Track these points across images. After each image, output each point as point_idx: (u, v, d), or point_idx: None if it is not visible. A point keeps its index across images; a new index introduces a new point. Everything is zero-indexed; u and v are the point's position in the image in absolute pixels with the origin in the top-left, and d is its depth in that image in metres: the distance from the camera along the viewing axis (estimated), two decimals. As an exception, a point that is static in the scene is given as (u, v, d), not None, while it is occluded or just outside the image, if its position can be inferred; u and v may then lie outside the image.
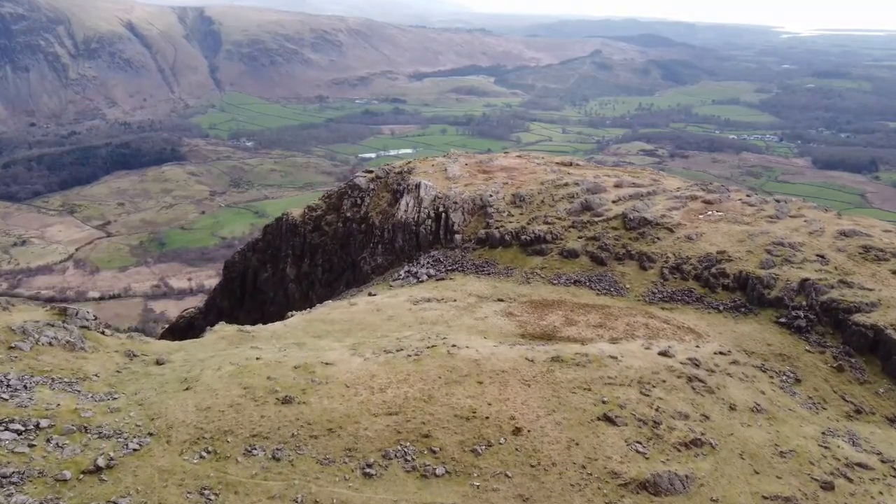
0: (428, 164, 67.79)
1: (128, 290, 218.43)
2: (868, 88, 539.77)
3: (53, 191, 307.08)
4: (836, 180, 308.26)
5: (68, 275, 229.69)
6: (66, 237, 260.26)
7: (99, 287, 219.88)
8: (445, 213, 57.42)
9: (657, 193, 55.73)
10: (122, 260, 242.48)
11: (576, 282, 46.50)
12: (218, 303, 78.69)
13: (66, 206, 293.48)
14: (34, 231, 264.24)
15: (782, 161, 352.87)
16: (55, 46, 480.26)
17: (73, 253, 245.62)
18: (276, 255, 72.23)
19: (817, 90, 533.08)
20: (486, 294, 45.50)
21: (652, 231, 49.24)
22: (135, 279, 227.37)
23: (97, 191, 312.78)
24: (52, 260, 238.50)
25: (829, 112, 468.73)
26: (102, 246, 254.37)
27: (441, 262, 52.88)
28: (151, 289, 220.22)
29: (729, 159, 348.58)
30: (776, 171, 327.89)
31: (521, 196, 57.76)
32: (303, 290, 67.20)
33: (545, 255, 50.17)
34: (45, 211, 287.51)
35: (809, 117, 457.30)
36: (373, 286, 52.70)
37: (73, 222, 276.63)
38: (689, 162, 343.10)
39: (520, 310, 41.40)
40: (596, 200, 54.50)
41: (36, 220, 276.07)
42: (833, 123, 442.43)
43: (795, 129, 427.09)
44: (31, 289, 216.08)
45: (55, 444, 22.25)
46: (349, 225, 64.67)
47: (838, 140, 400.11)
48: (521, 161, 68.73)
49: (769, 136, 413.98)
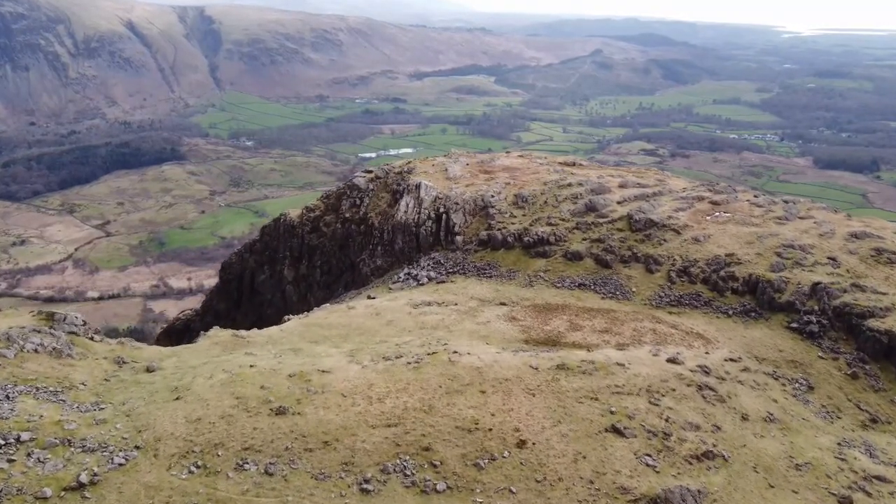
0: (428, 164, 66.22)
1: (127, 289, 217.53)
2: (869, 88, 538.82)
3: (53, 190, 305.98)
4: (838, 180, 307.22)
5: (67, 274, 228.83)
6: (66, 237, 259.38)
7: (98, 287, 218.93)
8: (446, 213, 55.99)
9: (663, 194, 54.38)
10: (122, 259, 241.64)
11: (580, 285, 45.27)
12: (215, 305, 77.25)
13: (65, 205, 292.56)
14: (33, 230, 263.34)
15: (783, 161, 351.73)
16: (55, 45, 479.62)
17: (73, 252, 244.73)
18: (273, 257, 70.57)
19: (818, 90, 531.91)
20: (487, 297, 44.28)
21: (658, 233, 47.91)
22: (134, 279, 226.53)
23: (97, 190, 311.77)
24: (51, 259, 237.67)
25: (831, 112, 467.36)
26: (102, 245, 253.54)
27: (442, 264, 51.62)
28: (151, 289, 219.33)
29: (730, 159, 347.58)
30: (777, 171, 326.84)
31: (524, 197, 56.36)
32: (301, 293, 65.78)
33: (549, 257, 48.97)
34: (44, 210, 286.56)
35: (810, 117, 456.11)
36: (372, 289, 51.46)
37: (73, 222, 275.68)
38: (689, 162, 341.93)
39: (523, 314, 40.25)
40: (600, 201, 53.14)
41: (35, 220, 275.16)
42: (834, 123, 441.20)
43: (796, 128, 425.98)
44: (30, 288, 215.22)
45: (36, 459, 21.14)
46: (348, 226, 63.12)
47: (839, 140, 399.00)
48: (523, 161, 67.21)
49: (770, 136, 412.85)
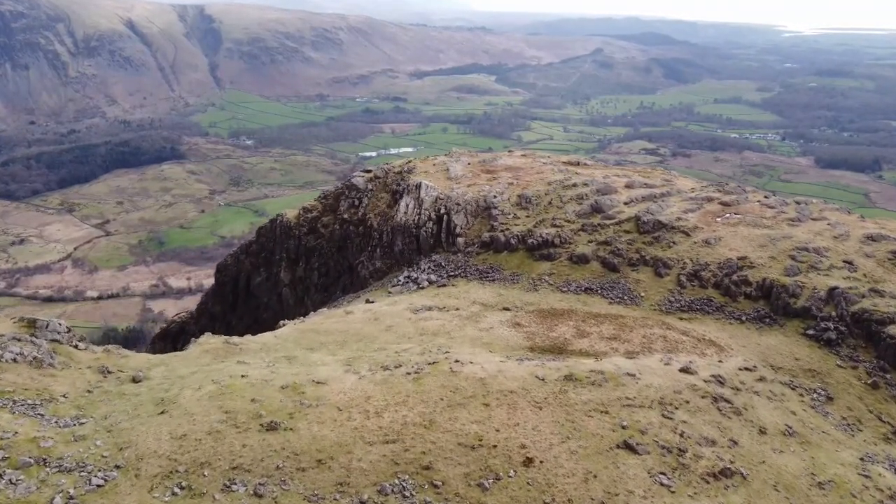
0: (429, 164, 64.79)
1: (126, 289, 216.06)
2: (871, 87, 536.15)
3: (52, 189, 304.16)
4: (840, 179, 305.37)
5: (66, 274, 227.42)
6: (65, 236, 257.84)
7: (97, 286, 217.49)
8: (447, 214, 54.53)
9: (671, 195, 52.72)
10: (121, 259, 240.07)
11: (587, 289, 43.55)
12: (210, 307, 75.43)
13: (64, 204, 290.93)
14: (33, 230, 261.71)
15: (785, 160, 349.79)
16: (55, 44, 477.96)
17: (72, 252, 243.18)
18: (269, 259, 68.88)
19: (820, 89, 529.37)
20: (490, 302, 42.73)
21: (667, 235, 46.21)
22: (133, 278, 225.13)
23: (96, 189, 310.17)
24: (50, 259, 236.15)
25: (832, 111, 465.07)
26: (101, 245, 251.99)
27: (443, 266, 50.08)
28: (150, 288, 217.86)
29: (731, 158, 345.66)
30: (779, 171, 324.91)
31: (528, 197, 54.82)
32: (297, 296, 64.17)
33: (553, 260, 47.40)
34: (43, 209, 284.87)
35: (812, 116, 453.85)
36: (371, 292, 50.02)
37: (72, 221, 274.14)
38: (691, 161, 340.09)
39: (527, 320, 38.63)
40: (607, 202, 51.44)
41: (34, 219, 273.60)
42: (836, 122, 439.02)
43: (798, 128, 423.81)
44: (29, 288, 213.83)
45: (8, 481, 19.65)
46: (346, 227, 61.64)
47: (841, 139, 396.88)
48: (526, 160, 65.66)
49: (771, 136, 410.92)
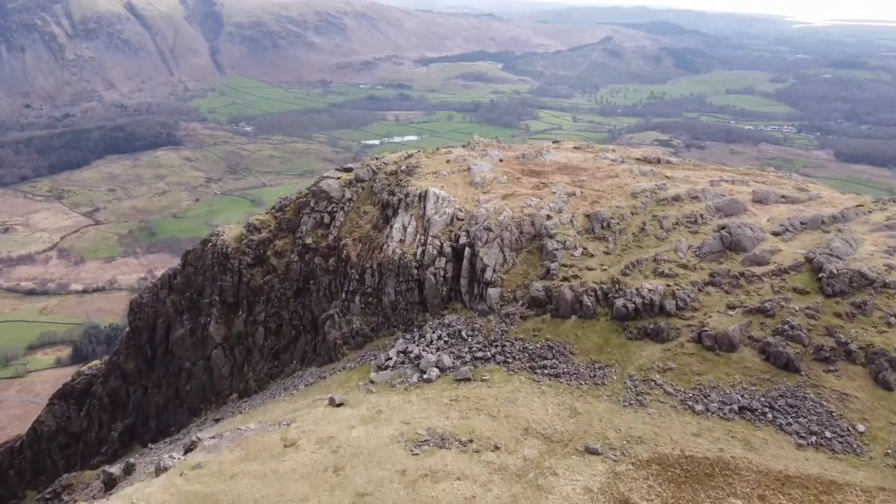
0: (440, 160, 44.02)
1: (113, 282, 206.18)
2: (887, 79, 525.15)
3: (41, 175, 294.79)
4: (861, 174, 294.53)
5: (51, 265, 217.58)
6: (52, 224, 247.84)
7: (82, 279, 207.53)
8: (471, 246, 34.98)
9: (848, 218, 33.75)
10: (109, 250, 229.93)
11: (742, 409, 25.31)
12: (121, 363, 56.68)
13: (53, 191, 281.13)
14: (18, 218, 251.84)
15: (803, 153, 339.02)
16: (52, 26, 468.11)
17: (58, 242, 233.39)
18: (196, 302, 48.14)
19: (835, 80, 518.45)
20: (558, 432, 24.32)
21: (878, 300, 27.55)
22: (121, 270, 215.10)
23: (87, 176, 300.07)
24: (35, 249, 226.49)
25: (848, 103, 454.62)
26: (89, 234, 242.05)
27: (464, 339, 31.81)
28: (138, 281, 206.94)
29: (747, 150, 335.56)
30: (797, 164, 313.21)
31: (603, 218, 35.20)
32: (234, 362, 44.68)
33: (667, 340, 28.99)
34: (31, 196, 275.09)
35: (827, 108, 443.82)
36: (340, 375, 32.09)
37: (61, 209, 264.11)
38: (705, 153, 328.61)
39: (644, 489, 20.87)
40: (745, 232, 32.45)
41: (21, 206, 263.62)
42: (852, 115, 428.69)
43: (813, 120, 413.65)
44: (10, 280, 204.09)
45: None
46: (310, 258, 41.47)
47: (859, 132, 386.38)
48: (582, 156, 45.75)
49: (787, 128, 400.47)
